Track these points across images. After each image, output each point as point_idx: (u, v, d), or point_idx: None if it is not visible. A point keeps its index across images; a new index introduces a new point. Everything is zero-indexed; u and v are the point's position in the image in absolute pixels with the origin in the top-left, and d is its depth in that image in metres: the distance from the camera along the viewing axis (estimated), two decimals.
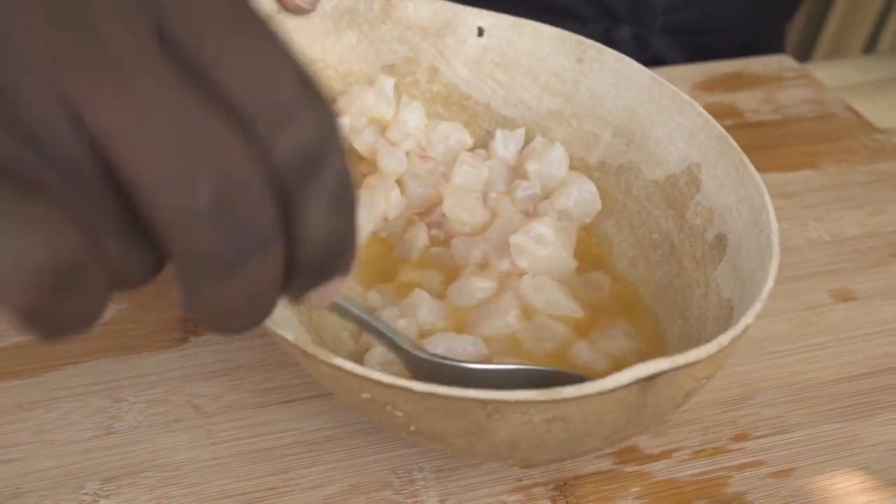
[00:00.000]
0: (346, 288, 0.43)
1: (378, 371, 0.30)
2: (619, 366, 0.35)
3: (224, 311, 0.21)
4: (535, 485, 0.39)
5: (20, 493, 0.38)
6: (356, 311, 0.34)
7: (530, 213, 0.47)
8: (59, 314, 0.19)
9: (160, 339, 0.45)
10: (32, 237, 0.18)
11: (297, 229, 0.21)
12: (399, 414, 0.31)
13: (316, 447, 0.40)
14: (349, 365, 0.30)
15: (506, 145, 0.49)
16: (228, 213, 0.19)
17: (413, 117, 0.49)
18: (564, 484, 0.39)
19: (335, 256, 0.23)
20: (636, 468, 0.40)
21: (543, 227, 0.44)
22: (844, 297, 0.49)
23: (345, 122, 0.49)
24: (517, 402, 0.29)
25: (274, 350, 0.45)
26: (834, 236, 0.54)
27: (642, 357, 0.39)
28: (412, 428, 0.32)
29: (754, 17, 0.80)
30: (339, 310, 0.34)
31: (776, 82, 0.67)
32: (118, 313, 0.47)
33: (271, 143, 0.19)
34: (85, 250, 0.19)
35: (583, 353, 0.40)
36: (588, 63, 0.49)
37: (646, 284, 0.45)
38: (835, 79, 0.72)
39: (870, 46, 1.48)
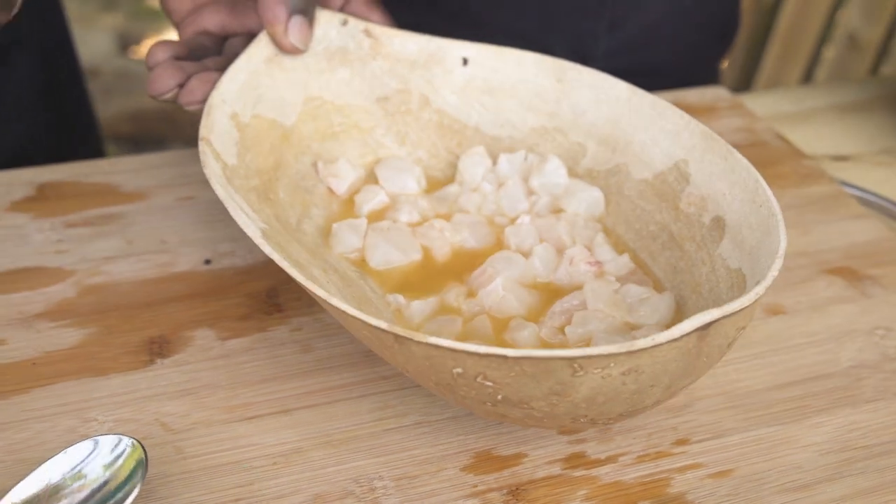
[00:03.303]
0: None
1: (473, 344, 0.33)
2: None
3: None
4: (490, 490, 0.41)
5: None
6: None
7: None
8: None
9: (126, 362, 0.47)
10: None
11: None
12: (489, 383, 0.35)
13: (280, 460, 0.42)
14: (446, 342, 0.33)
15: (511, 166, 0.53)
16: None
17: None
18: (517, 488, 0.42)
19: None
20: (584, 472, 0.43)
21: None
22: (776, 311, 0.52)
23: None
24: (599, 357, 0.33)
25: (237, 369, 0.47)
26: None
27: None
28: (499, 397, 0.35)
29: (690, 59, 0.84)
30: None
31: (710, 112, 0.71)
32: (85, 337, 0.48)
33: None
34: None
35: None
36: (568, 82, 0.53)
37: (651, 272, 0.48)
38: (768, 109, 0.76)
39: (807, 78, 1.54)
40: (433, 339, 0.34)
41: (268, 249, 0.39)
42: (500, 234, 0.50)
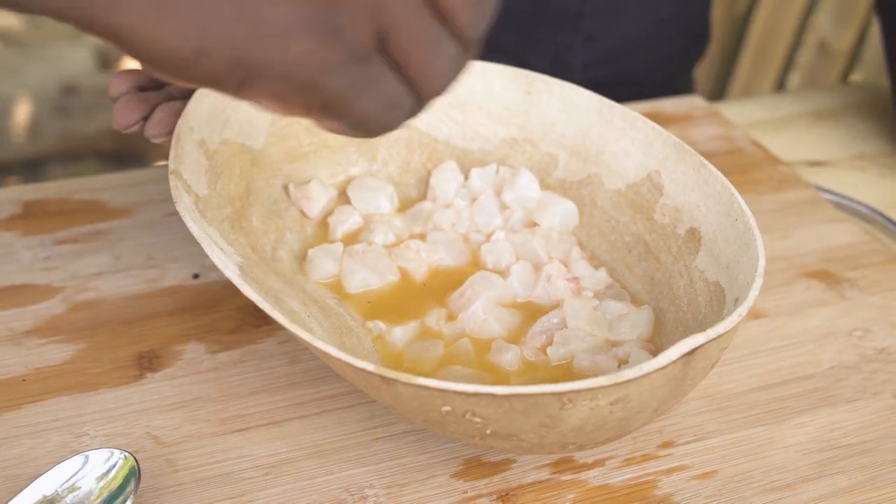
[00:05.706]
0: None
1: (461, 384, 0.33)
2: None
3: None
4: (480, 496, 0.42)
5: None
6: None
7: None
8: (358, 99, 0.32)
9: (117, 377, 0.47)
10: None
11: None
12: (477, 419, 0.35)
13: (272, 471, 0.43)
14: (434, 383, 0.34)
15: (482, 180, 0.53)
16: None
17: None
18: (507, 493, 0.42)
19: None
20: (572, 476, 0.43)
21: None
22: (756, 314, 0.53)
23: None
24: (588, 390, 0.33)
25: (227, 382, 0.47)
26: None
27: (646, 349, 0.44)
28: (488, 431, 0.36)
29: (666, 69, 0.85)
30: None
31: (687, 121, 0.72)
32: (75, 353, 0.48)
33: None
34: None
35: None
36: (536, 94, 0.53)
37: (628, 283, 0.48)
38: (744, 116, 0.77)
39: (780, 85, 1.56)
40: (420, 380, 0.34)
41: (247, 290, 0.38)
42: (476, 251, 0.51)
